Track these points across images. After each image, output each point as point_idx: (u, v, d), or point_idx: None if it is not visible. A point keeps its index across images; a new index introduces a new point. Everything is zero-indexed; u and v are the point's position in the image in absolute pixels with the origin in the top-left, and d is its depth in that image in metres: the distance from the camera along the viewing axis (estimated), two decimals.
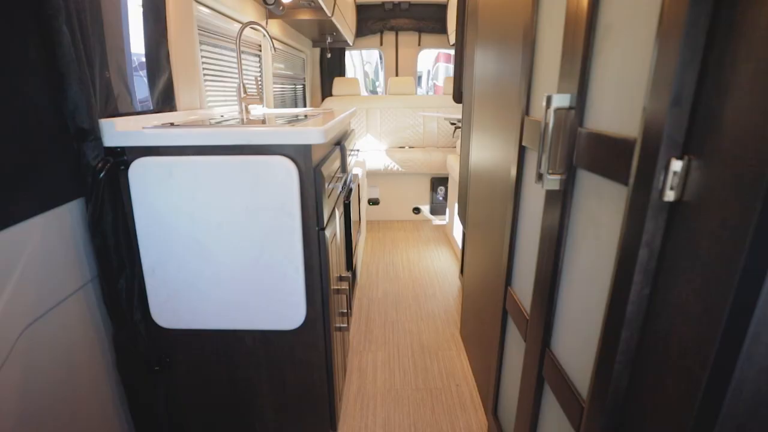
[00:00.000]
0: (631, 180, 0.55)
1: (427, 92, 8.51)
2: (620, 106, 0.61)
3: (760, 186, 0.39)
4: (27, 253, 0.88)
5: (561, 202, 0.77)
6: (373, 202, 3.61)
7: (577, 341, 0.74)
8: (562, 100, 0.73)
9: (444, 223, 3.60)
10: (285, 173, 1.00)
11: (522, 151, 1.02)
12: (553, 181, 0.77)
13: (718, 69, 0.44)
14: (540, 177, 0.80)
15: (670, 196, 0.50)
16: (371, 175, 3.50)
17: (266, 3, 1.83)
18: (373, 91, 8.94)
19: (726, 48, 0.43)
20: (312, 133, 0.99)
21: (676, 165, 0.49)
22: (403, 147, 3.78)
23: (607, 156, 0.62)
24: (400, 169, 3.40)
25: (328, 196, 1.18)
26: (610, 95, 0.63)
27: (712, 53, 0.45)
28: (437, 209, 3.63)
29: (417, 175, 3.53)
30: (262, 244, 1.05)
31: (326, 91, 4.20)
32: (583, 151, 0.69)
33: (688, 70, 0.47)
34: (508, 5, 1.16)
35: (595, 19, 0.66)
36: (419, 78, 4.88)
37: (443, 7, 3.98)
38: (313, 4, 2.27)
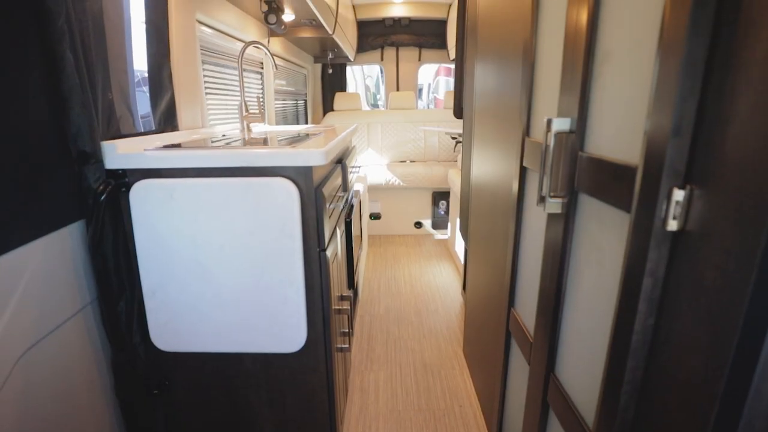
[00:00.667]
0: (633, 208, 0.55)
1: (428, 105, 8.57)
2: (621, 131, 0.61)
3: (765, 219, 0.38)
4: (26, 278, 0.87)
5: (563, 225, 0.77)
6: (375, 216, 3.61)
7: (583, 367, 0.73)
8: (562, 124, 0.73)
9: (446, 237, 3.59)
10: (286, 195, 1.00)
11: (523, 171, 1.01)
12: (554, 205, 0.77)
13: (718, 100, 0.44)
14: (542, 199, 0.79)
15: (672, 225, 0.49)
16: (372, 189, 3.51)
17: (268, 23, 1.86)
18: (374, 105, 9.01)
19: (725, 79, 0.43)
20: (313, 155, 0.99)
21: (678, 195, 0.49)
22: (405, 161, 3.79)
23: (609, 182, 0.62)
24: (401, 183, 3.40)
25: (329, 216, 1.17)
26: (611, 120, 0.63)
27: (712, 84, 0.45)
28: (439, 223, 3.63)
29: (418, 189, 3.53)
30: (262, 266, 1.04)
31: (328, 106, 4.24)
32: (584, 176, 0.69)
33: (687, 100, 0.47)
34: (507, 22, 1.17)
35: (594, 45, 0.67)
36: (420, 91, 4.92)
37: (443, 23, 4.03)
38: (314, 22, 2.30)
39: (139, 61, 1.32)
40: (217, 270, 1.05)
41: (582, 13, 0.68)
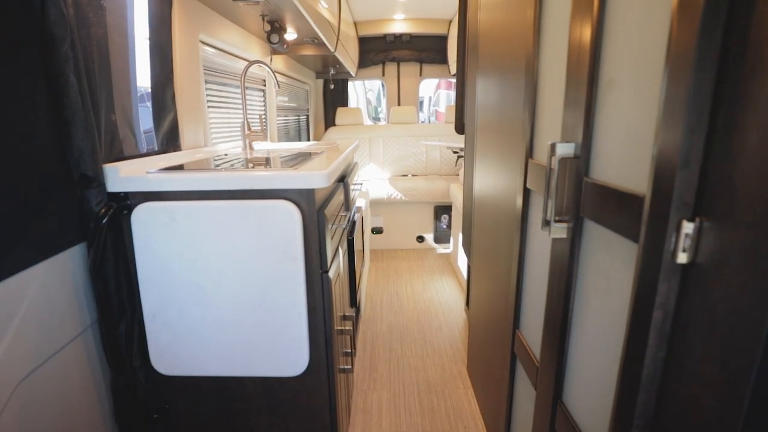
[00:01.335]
0: (642, 239, 0.54)
1: (429, 118, 8.62)
2: (627, 159, 0.60)
3: None
4: (26, 303, 0.86)
5: (568, 250, 0.76)
6: (377, 231, 3.60)
7: (592, 396, 0.71)
8: (566, 149, 0.73)
9: (448, 251, 3.57)
10: (288, 217, 0.99)
11: (526, 192, 1.01)
12: (560, 229, 0.76)
13: (727, 134, 0.44)
14: (546, 223, 0.79)
15: (682, 258, 0.49)
16: (374, 204, 3.50)
17: (270, 42, 1.87)
18: (376, 118, 9.06)
19: (733, 113, 0.43)
20: (315, 178, 0.99)
21: (688, 227, 0.48)
22: (406, 175, 3.80)
23: (615, 210, 0.61)
24: (403, 197, 3.40)
25: (332, 237, 1.17)
26: (616, 148, 0.63)
27: (720, 117, 0.45)
28: (441, 237, 3.61)
29: (420, 203, 3.53)
30: (264, 289, 1.03)
31: (329, 121, 4.26)
32: (590, 202, 0.68)
33: (695, 133, 0.46)
34: (508, 39, 1.17)
35: (597, 73, 0.66)
36: (421, 103, 4.95)
37: (444, 39, 4.07)
38: (316, 40, 2.32)
39: (143, 77, 1.33)
40: (219, 293, 1.04)
41: (584, 41, 0.68)
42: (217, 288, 1.04)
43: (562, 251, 0.78)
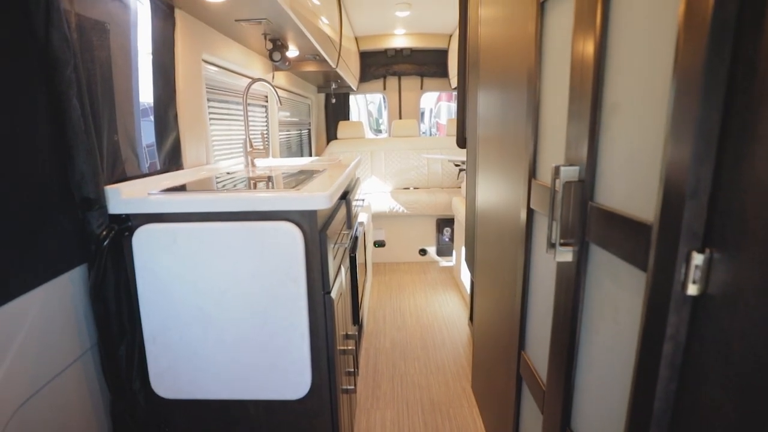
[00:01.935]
0: (650, 268, 0.53)
1: (430, 129, 8.66)
2: (632, 184, 0.59)
3: None
4: (26, 327, 0.86)
5: (574, 274, 0.74)
6: (379, 244, 3.59)
7: (602, 424, 0.69)
8: (570, 173, 0.72)
9: (451, 264, 3.55)
10: (290, 239, 0.98)
11: (530, 213, 1.00)
12: (565, 253, 0.75)
13: (735, 165, 0.43)
14: (551, 246, 0.78)
15: (692, 290, 0.47)
16: (376, 217, 3.50)
17: (273, 60, 1.89)
18: (377, 130, 9.10)
19: (741, 144, 0.42)
20: (317, 199, 0.99)
21: (698, 258, 0.47)
22: (408, 188, 3.80)
23: (622, 236, 0.60)
24: (405, 211, 3.39)
25: (334, 257, 1.16)
26: (621, 172, 0.62)
27: (727, 148, 0.44)
28: (444, 250, 3.60)
29: (422, 216, 3.52)
30: (266, 311, 1.02)
31: (331, 135, 4.28)
32: (596, 227, 0.67)
33: (703, 164, 0.46)
34: (509, 54, 1.17)
35: (601, 96, 0.66)
36: (422, 114, 4.97)
37: (444, 53, 4.10)
38: (318, 57, 2.34)
39: (145, 93, 1.33)
40: (220, 315, 1.03)
41: (587, 64, 0.68)
42: (219, 310, 1.03)
43: (568, 275, 0.77)
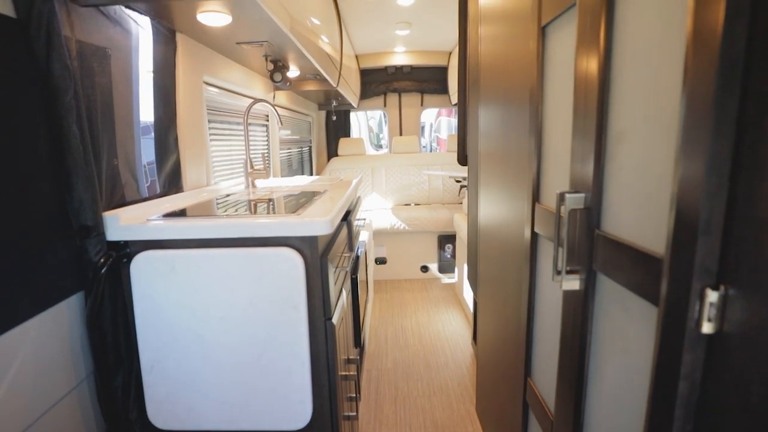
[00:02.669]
0: (662, 304, 0.51)
1: (430, 144, 8.70)
2: (641, 215, 0.58)
3: None
4: (19, 359, 0.83)
5: (582, 303, 0.73)
6: (380, 261, 3.57)
7: None
8: (576, 201, 0.71)
9: (453, 281, 3.52)
10: (290, 266, 0.97)
11: (534, 237, 0.98)
12: (572, 281, 0.73)
13: (748, 200, 0.42)
14: (557, 273, 0.76)
15: (707, 328, 0.46)
16: (377, 234, 3.48)
17: (273, 81, 1.90)
18: (378, 145, 9.14)
19: (753, 179, 0.41)
20: (318, 225, 0.97)
21: (712, 296, 0.45)
22: (409, 204, 3.79)
23: (631, 268, 0.58)
24: (406, 227, 3.38)
25: (336, 282, 1.14)
26: (629, 202, 0.61)
27: (740, 185, 0.43)
28: (445, 267, 3.57)
29: (424, 233, 3.50)
30: (266, 339, 1.00)
31: (332, 151, 4.29)
32: (603, 256, 0.66)
33: (715, 199, 0.44)
34: (510, 71, 1.17)
35: (605, 124, 0.65)
36: (422, 128, 4.98)
37: (444, 70, 4.14)
38: (318, 77, 2.35)
39: (146, 113, 1.33)
40: (218, 344, 1.01)
41: (591, 92, 0.67)
42: (217, 338, 1.01)
43: (575, 303, 0.75)
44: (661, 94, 0.54)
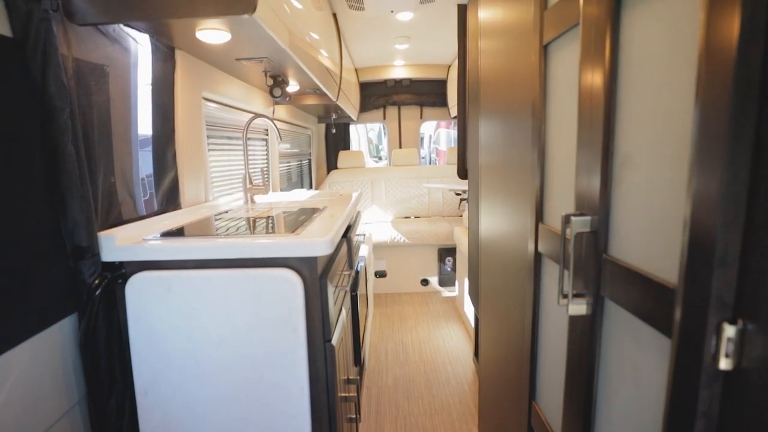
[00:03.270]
0: (675, 337, 0.49)
1: (429, 155, 8.71)
2: (651, 240, 0.56)
3: None
4: (9, 385, 0.81)
5: (589, 329, 0.70)
6: (380, 274, 3.54)
7: None
8: (581, 224, 0.69)
9: (454, 294, 3.49)
10: (289, 287, 0.95)
11: (538, 256, 0.96)
12: (578, 307, 0.71)
13: (767, 233, 0.40)
14: (564, 297, 0.74)
15: (725, 364, 0.44)
16: (377, 247, 3.46)
17: (273, 96, 1.89)
18: (378, 157, 9.15)
19: None
20: (318, 245, 0.95)
21: (730, 331, 0.43)
22: (409, 217, 3.77)
23: (641, 296, 0.56)
24: (406, 240, 3.36)
25: (335, 302, 1.12)
26: (638, 227, 0.59)
27: (757, 214, 0.41)
28: (446, 280, 3.54)
29: (424, 246, 3.48)
30: (263, 363, 0.97)
31: (331, 164, 4.28)
32: (611, 282, 0.64)
33: (731, 230, 0.42)
34: (511, 85, 1.15)
35: (612, 145, 0.64)
36: (421, 139, 4.99)
37: (443, 83, 4.15)
38: (318, 91, 2.35)
39: (145, 127, 1.32)
40: (215, 367, 0.98)
41: (596, 113, 0.66)
42: (214, 362, 0.98)
43: (582, 328, 0.73)
44: (671, 116, 0.52)
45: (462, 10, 2.11)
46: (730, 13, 0.41)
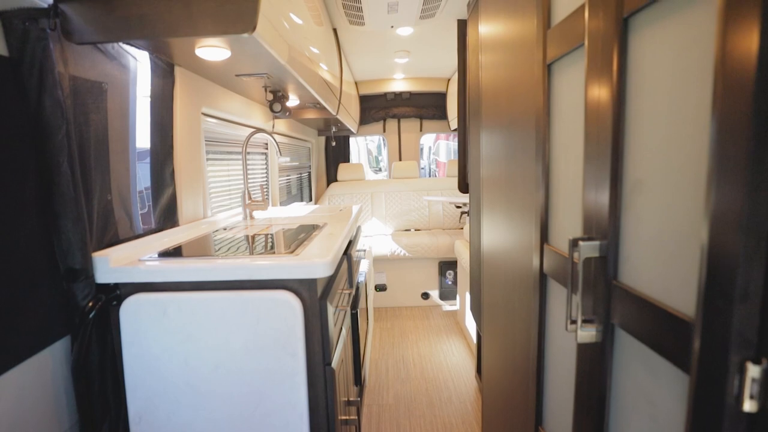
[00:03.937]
0: (694, 374, 0.46)
1: (429, 166, 8.72)
2: (664, 270, 0.54)
3: None
4: None
5: (599, 357, 0.68)
6: (380, 288, 3.50)
7: None
8: (590, 249, 0.67)
9: (455, 308, 3.45)
10: (288, 310, 0.92)
11: (543, 278, 0.94)
12: (588, 333, 0.69)
13: None
14: (572, 323, 0.71)
15: (750, 406, 0.41)
16: (377, 260, 3.43)
17: (273, 111, 1.88)
18: (377, 168, 9.15)
19: None
20: (317, 267, 0.93)
21: (754, 371, 0.41)
22: (409, 230, 3.75)
23: (656, 328, 0.54)
24: (406, 254, 3.33)
25: (335, 323, 1.09)
26: (650, 255, 0.57)
27: None
28: (447, 294, 3.50)
29: (424, 259, 3.45)
30: (261, 389, 0.94)
31: (331, 177, 4.27)
32: (622, 310, 0.61)
33: (753, 263, 0.40)
34: (514, 97, 1.14)
35: (621, 170, 0.62)
36: (420, 150, 4.99)
37: (443, 96, 4.16)
38: (318, 105, 2.35)
39: (143, 141, 1.30)
40: (211, 394, 0.95)
41: (604, 137, 0.64)
42: (210, 388, 0.95)
43: (592, 356, 0.70)
44: (685, 139, 0.50)
45: (462, 25, 2.11)
46: (748, 28, 0.39)
